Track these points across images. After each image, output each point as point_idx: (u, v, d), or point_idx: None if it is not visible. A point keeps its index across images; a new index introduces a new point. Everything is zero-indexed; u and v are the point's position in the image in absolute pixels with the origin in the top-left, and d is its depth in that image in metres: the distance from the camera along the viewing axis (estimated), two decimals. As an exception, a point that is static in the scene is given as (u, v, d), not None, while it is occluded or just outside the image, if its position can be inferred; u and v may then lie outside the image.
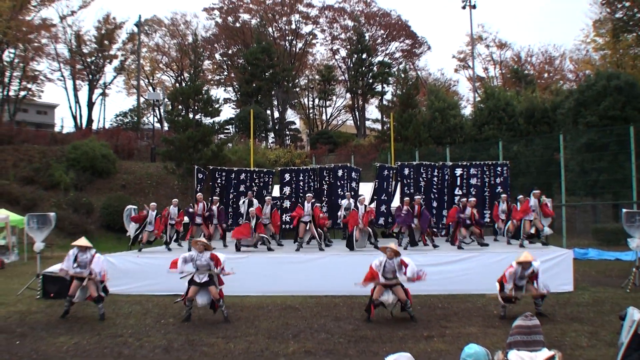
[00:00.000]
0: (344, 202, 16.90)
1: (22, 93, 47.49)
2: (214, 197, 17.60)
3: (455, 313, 10.87)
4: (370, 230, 15.12)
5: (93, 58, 50.89)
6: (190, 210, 16.63)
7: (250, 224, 15.47)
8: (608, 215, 26.47)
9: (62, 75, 50.09)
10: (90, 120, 51.66)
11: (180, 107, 35.91)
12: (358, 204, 15.33)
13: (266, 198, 17.28)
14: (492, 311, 10.89)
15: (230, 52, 57.45)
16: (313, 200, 16.24)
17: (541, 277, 10.34)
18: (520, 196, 15.44)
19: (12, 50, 44.80)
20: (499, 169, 18.87)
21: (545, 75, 52.81)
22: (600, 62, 40.95)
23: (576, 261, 15.20)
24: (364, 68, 50.98)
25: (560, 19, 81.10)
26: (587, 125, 25.76)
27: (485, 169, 18.84)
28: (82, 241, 11.24)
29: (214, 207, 16.85)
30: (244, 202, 17.03)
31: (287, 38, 56.32)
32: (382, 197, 18.60)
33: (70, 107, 51.13)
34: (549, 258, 13.02)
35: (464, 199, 16.25)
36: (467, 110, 46.86)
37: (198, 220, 16.35)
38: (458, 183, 18.73)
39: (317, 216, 15.75)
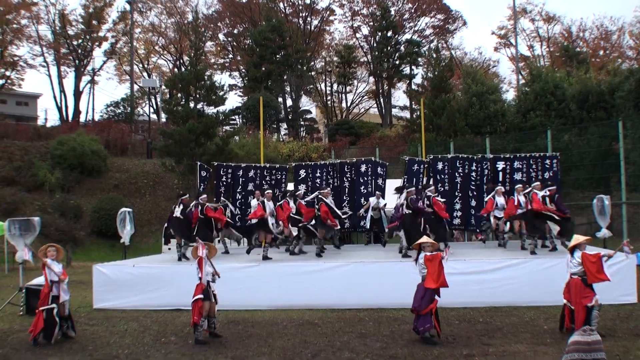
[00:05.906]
0: (372, 200, 16.83)
1: (0, 82, 48.02)
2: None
3: (499, 328, 10.79)
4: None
5: (80, 41, 51.40)
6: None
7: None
8: (677, 214, 26.16)
9: (45, 61, 50.75)
10: (77, 112, 52.22)
11: (179, 95, 35.94)
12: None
13: (266, 192, 16.33)
14: (542, 326, 10.80)
15: (235, 31, 57.67)
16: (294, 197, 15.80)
17: None
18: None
19: (-12, 33, 45.39)
20: (547, 162, 18.68)
21: (601, 52, 52.32)
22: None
23: (640, 268, 15.04)
24: (389, 48, 50.91)
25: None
26: (651, 111, 25.50)
27: (532, 162, 18.66)
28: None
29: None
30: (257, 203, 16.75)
31: (300, 14, 56.43)
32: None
33: (55, 97, 51.74)
34: (608, 264, 12.82)
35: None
36: (510, 95, 46.76)
37: None
38: (500, 178, 18.55)
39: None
